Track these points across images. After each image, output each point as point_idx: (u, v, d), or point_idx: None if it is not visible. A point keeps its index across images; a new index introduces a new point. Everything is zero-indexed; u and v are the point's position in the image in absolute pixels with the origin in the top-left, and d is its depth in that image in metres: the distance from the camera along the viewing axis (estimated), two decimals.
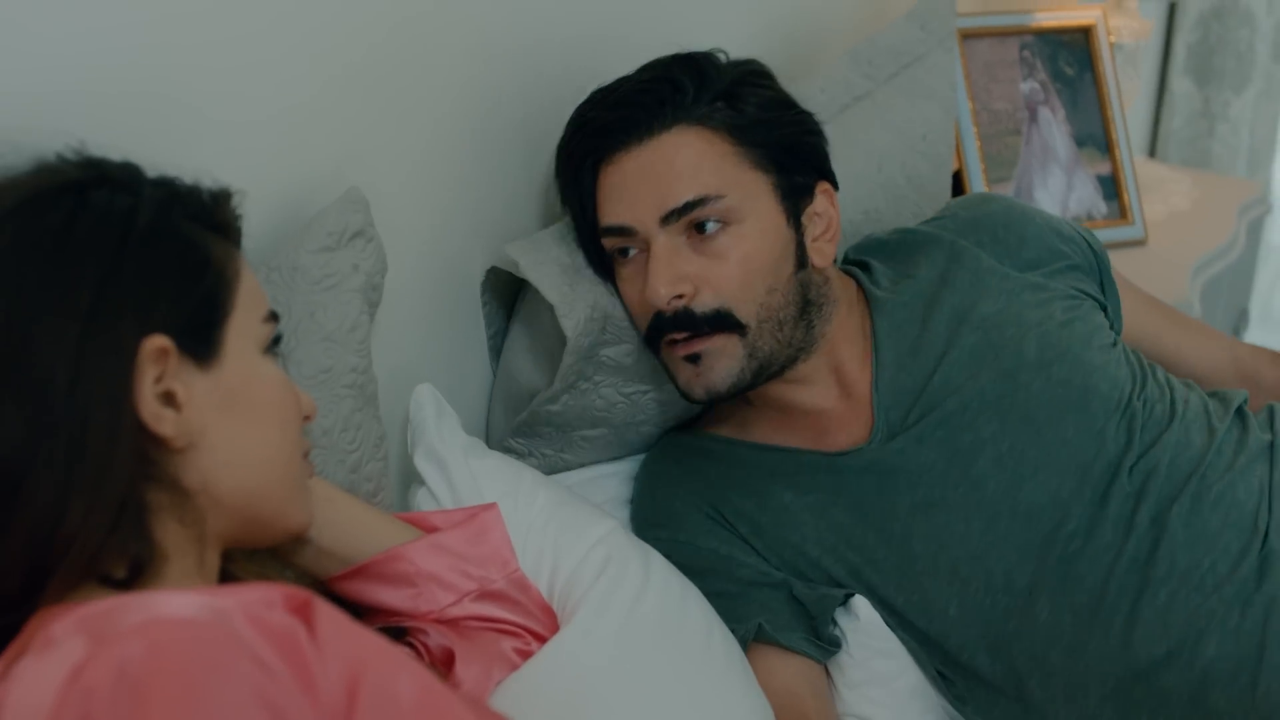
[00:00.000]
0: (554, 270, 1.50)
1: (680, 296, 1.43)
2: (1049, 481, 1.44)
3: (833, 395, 1.54)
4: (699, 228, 1.43)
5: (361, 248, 1.31)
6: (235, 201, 1.08)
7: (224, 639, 0.85)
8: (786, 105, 1.52)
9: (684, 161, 1.43)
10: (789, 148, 1.49)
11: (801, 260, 1.49)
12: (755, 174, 1.46)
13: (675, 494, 1.57)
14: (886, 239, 1.66)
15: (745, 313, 1.44)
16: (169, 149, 1.06)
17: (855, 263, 1.65)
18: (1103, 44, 2.34)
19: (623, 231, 1.46)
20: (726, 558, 1.51)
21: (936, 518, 1.46)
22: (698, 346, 1.45)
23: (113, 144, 1.02)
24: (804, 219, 1.50)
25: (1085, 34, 2.35)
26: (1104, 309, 1.63)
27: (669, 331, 1.45)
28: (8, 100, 1.07)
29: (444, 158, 1.53)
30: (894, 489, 1.48)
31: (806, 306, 1.49)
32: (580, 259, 1.54)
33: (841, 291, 1.55)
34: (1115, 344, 1.57)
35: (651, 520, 1.57)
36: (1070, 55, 2.34)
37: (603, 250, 1.51)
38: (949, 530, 1.46)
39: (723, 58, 1.51)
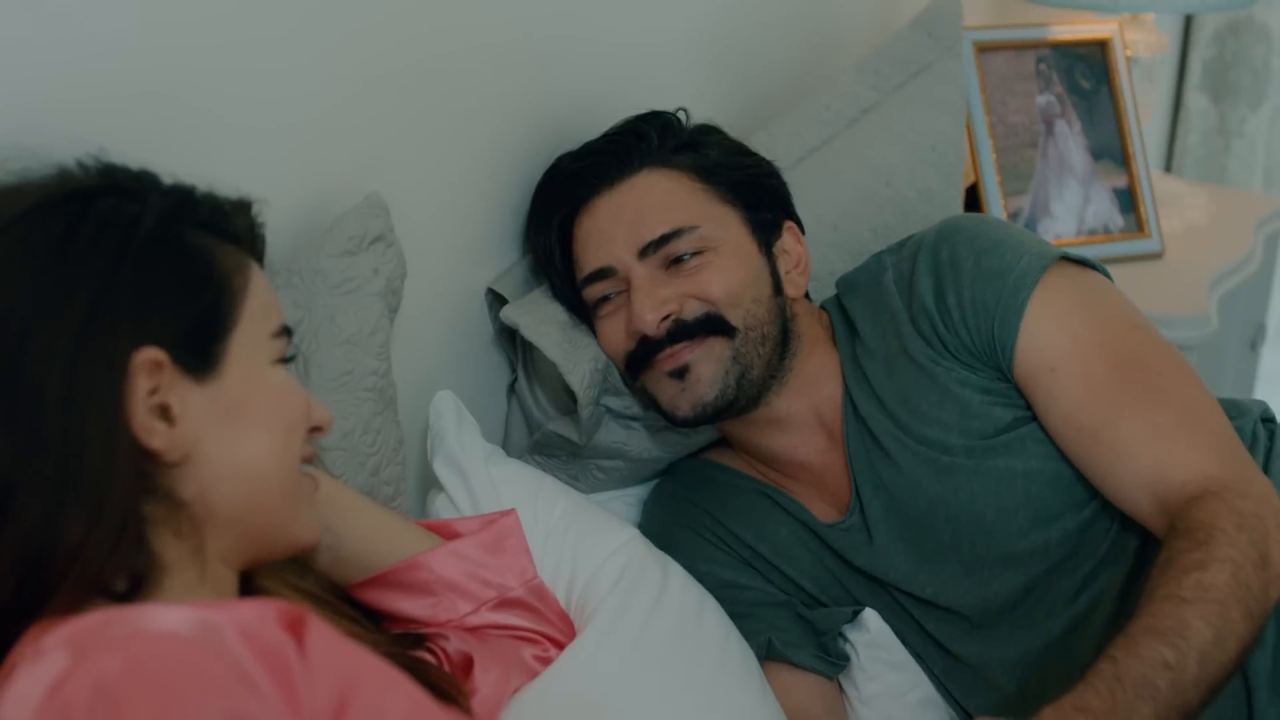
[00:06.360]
0: (553, 329, 1.52)
1: (667, 317, 1.44)
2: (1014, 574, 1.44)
3: (818, 440, 1.52)
4: (676, 260, 1.45)
5: (382, 252, 1.31)
6: (255, 210, 1.06)
7: (206, 654, 0.84)
8: (745, 152, 1.57)
9: (655, 198, 1.47)
10: (752, 186, 1.53)
11: (778, 287, 1.51)
12: (724, 208, 1.50)
13: (675, 519, 1.57)
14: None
15: (734, 317, 1.45)
16: (188, 156, 1.05)
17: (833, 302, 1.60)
18: (1119, 57, 2.33)
19: (603, 274, 1.48)
20: (728, 582, 1.51)
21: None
22: (686, 355, 1.44)
23: (132, 151, 1.01)
24: (775, 251, 1.52)
25: (1101, 47, 2.34)
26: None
27: (659, 351, 1.44)
28: (25, 106, 1.06)
29: (463, 164, 1.53)
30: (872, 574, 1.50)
31: (785, 334, 1.49)
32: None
33: (812, 328, 1.54)
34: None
35: (654, 544, 1.56)
36: (1087, 69, 2.33)
37: (581, 303, 1.52)
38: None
39: (683, 116, 1.56)
